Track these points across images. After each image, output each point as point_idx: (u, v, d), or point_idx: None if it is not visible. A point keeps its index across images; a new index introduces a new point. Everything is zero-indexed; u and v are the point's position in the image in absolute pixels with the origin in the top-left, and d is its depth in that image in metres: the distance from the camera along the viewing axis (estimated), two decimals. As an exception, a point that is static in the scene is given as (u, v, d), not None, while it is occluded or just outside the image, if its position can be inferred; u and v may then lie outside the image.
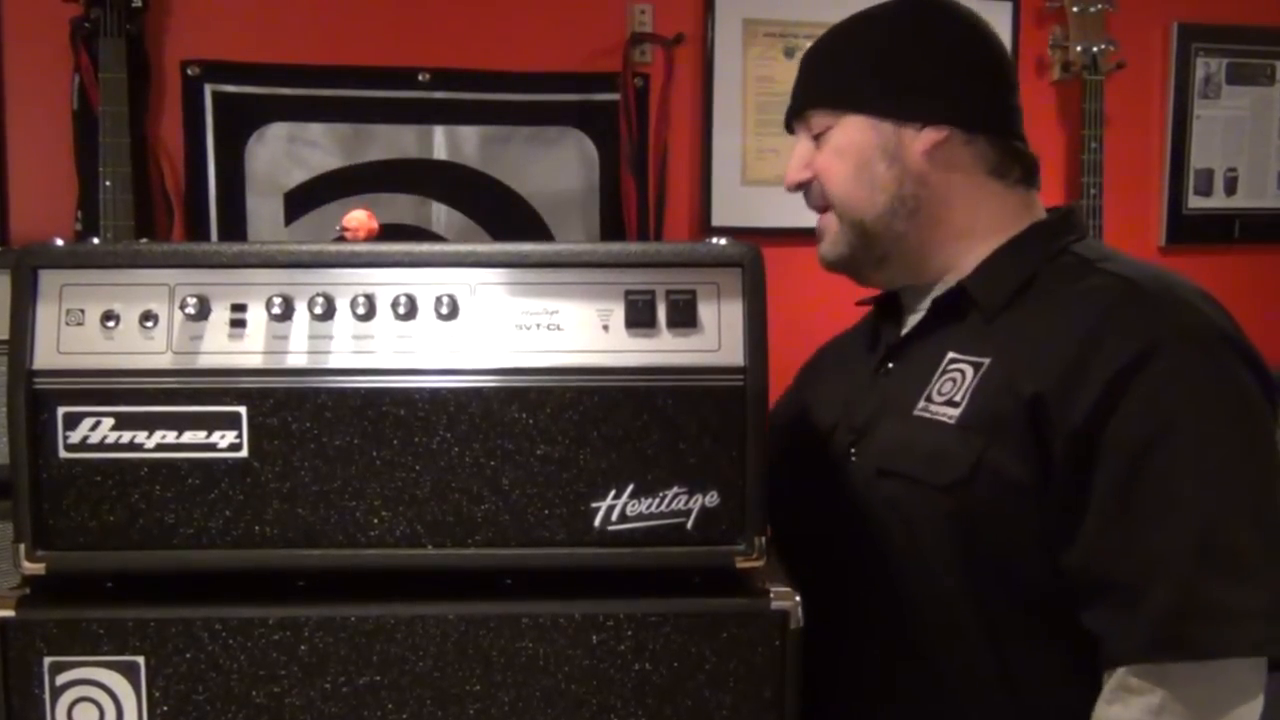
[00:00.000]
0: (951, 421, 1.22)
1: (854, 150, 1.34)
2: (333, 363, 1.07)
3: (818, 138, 1.37)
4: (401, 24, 2.49)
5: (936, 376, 1.27)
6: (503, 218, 2.55)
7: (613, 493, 1.08)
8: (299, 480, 1.07)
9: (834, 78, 1.38)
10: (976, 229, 1.33)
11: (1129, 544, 1.11)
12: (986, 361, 1.23)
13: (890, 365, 1.37)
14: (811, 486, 1.37)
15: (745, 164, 2.66)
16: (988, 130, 1.33)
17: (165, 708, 1.07)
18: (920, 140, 1.32)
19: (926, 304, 1.36)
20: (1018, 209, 1.35)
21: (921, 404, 1.26)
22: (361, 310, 1.07)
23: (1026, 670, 1.20)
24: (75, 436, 1.06)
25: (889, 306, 1.45)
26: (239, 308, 1.08)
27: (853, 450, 1.33)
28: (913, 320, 1.38)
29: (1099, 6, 2.62)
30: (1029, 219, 1.35)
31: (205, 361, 1.07)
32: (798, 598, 1.09)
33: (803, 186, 1.40)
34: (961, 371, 1.25)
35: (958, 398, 1.23)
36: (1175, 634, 1.08)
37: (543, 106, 2.56)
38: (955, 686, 1.23)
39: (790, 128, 1.44)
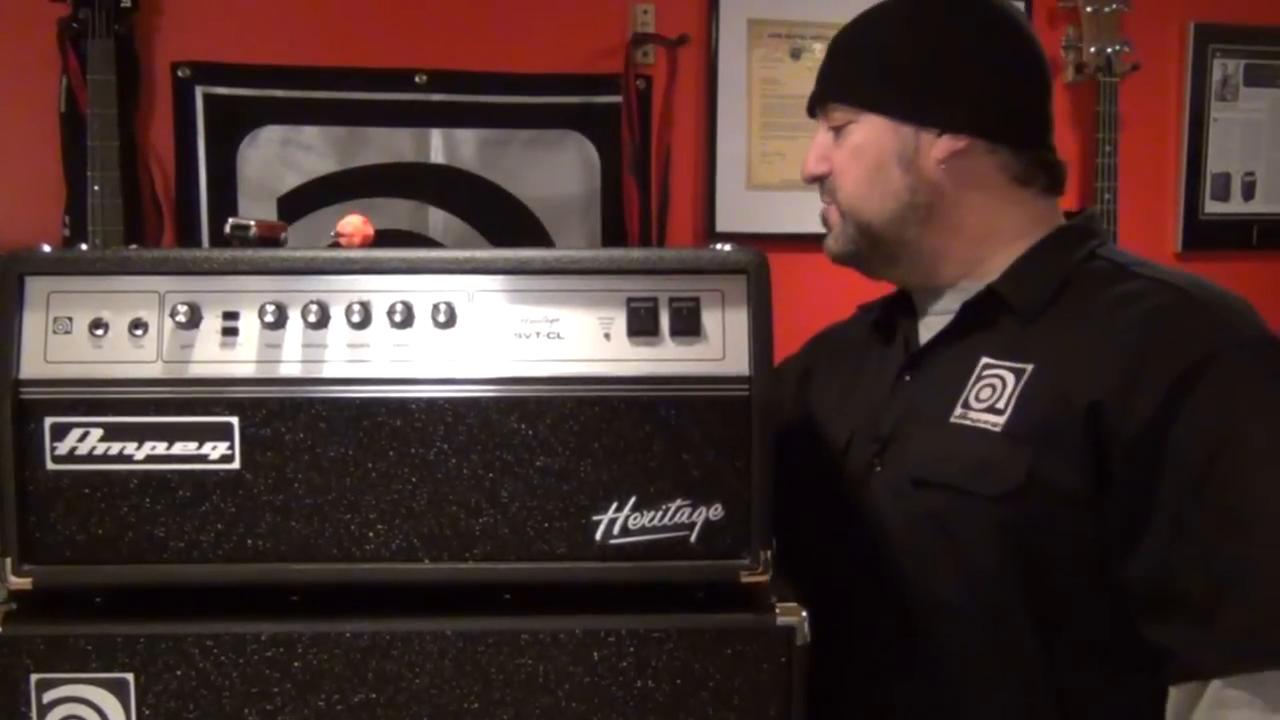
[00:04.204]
0: (996, 430, 1.19)
1: (870, 152, 1.30)
2: (327, 372, 1.05)
3: (837, 130, 1.33)
4: (398, 25, 2.48)
5: (972, 383, 1.24)
6: (502, 223, 2.54)
7: (614, 505, 1.06)
8: (292, 493, 1.05)
9: (854, 73, 1.33)
10: (997, 235, 1.31)
11: (1203, 555, 1.09)
12: (1029, 368, 1.20)
13: (913, 372, 1.33)
14: (823, 500, 1.34)
15: (750, 168, 2.64)
16: (1012, 140, 1.30)
17: (155, 726, 1.05)
18: (937, 148, 1.28)
19: (948, 307, 1.32)
20: (1040, 216, 1.32)
21: (959, 411, 1.23)
22: (357, 318, 1.05)
23: (1075, 682, 1.18)
24: (63, 448, 1.04)
25: (899, 307, 1.41)
26: (231, 316, 1.06)
27: (876, 461, 1.30)
28: (933, 324, 1.34)
29: (1113, 7, 2.60)
30: (1051, 224, 1.32)
31: (196, 371, 1.05)
32: (804, 613, 1.07)
33: (819, 180, 1.36)
34: (1000, 378, 1.22)
35: (1000, 405, 1.20)
36: (1268, 643, 1.07)
37: (543, 109, 2.54)
38: (996, 699, 1.21)
39: (813, 114, 1.39)
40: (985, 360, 1.24)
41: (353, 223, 1.25)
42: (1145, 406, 1.12)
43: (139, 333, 1.05)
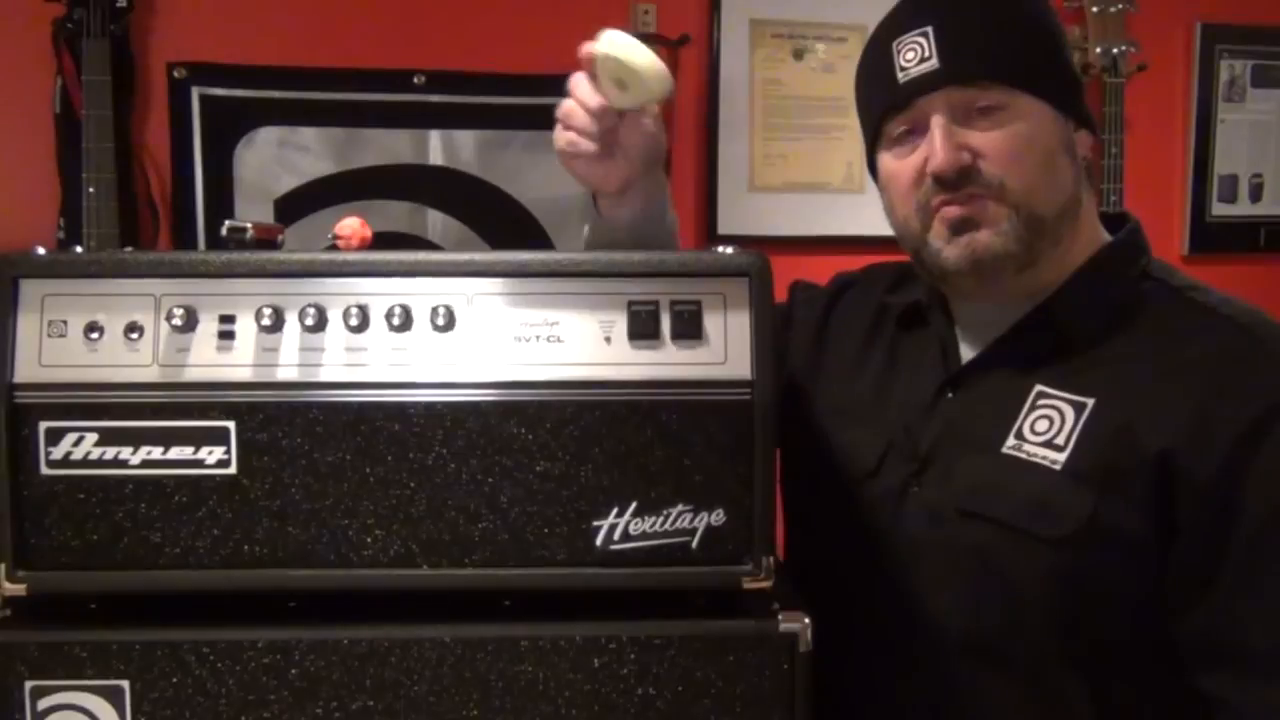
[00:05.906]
0: (1056, 468, 1.15)
1: (1041, 139, 1.20)
2: (324, 376, 1.05)
3: (984, 110, 1.20)
4: (396, 25, 2.47)
5: (1025, 411, 1.19)
6: (501, 225, 2.52)
7: (615, 511, 1.05)
8: (289, 498, 1.04)
9: (1015, 48, 1.21)
10: (1077, 245, 1.25)
11: (1273, 610, 1.08)
12: (1090, 403, 1.16)
13: (956, 388, 1.27)
14: (843, 511, 1.30)
15: (752, 170, 2.63)
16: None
17: (150, 734, 1.04)
18: (1080, 142, 1.24)
19: (995, 319, 1.26)
20: (1097, 226, 1.29)
21: (1011, 441, 1.19)
22: (354, 321, 1.04)
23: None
24: (57, 452, 1.03)
25: (926, 299, 1.34)
26: (227, 319, 1.05)
27: (914, 482, 1.25)
28: (975, 333, 1.29)
29: (1119, 6, 2.59)
30: (1099, 236, 1.28)
31: (192, 375, 1.04)
32: (807, 619, 1.06)
33: (962, 171, 1.19)
34: (1059, 410, 1.17)
35: (1059, 441, 1.16)
36: None
37: (542, 110, 2.49)
38: None
39: (910, 100, 1.22)
40: (1040, 388, 1.20)
41: (350, 225, 1.24)
42: (1215, 455, 1.09)
43: (134, 336, 1.04)
